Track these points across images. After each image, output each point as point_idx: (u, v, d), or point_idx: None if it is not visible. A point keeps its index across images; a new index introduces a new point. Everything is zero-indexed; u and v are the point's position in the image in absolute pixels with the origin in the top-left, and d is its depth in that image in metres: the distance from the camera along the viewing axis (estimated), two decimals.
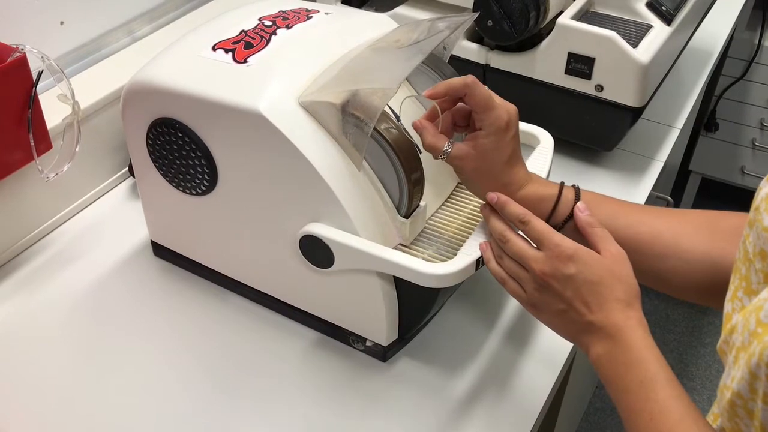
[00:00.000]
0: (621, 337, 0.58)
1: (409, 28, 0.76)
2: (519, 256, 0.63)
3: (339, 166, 0.69)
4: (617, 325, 0.58)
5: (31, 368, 0.78)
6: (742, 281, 0.50)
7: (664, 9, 1.01)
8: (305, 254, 0.73)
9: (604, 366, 0.59)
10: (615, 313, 0.58)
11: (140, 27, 1.12)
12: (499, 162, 0.66)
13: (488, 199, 0.66)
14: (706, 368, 1.94)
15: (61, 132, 0.90)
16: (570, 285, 0.60)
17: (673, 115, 1.18)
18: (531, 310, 0.64)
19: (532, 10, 0.95)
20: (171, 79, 0.73)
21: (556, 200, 0.66)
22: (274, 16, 0.80)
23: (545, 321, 0.64)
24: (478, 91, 0.65)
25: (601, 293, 0.59)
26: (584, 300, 0.59)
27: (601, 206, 0.67)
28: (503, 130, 0.65)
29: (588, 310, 0.59)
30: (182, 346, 0.80)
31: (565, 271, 0.60)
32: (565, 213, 0.66)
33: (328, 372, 0.78)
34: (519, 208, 0.64)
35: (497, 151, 0.66)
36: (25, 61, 0.81)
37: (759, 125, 2.06)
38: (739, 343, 0.45)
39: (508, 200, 0.65)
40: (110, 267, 0.90)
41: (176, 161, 0.77)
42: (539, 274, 0.61)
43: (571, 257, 0.60)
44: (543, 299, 0.62)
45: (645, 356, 0.56)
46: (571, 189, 0.67)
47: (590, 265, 0.60)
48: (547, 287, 0.61)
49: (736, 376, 0.45)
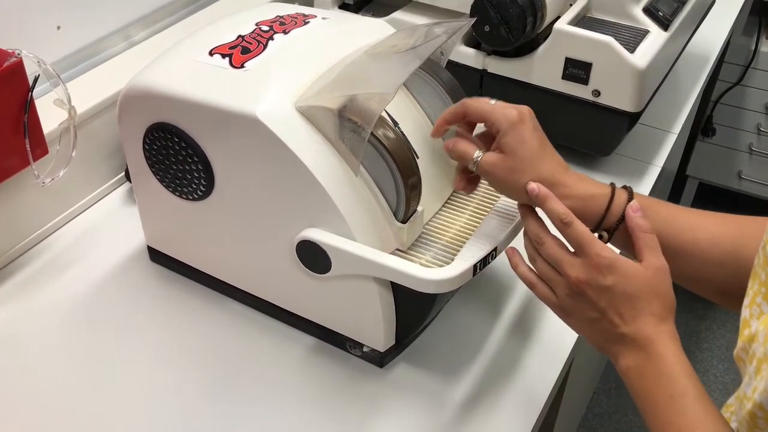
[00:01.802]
0: (652, 350, 0.57)
1: (406, 33, 0.76)
2: (555, 259, 0.61)
3: (336, 171, 0.69)
4: (649, 337, 0.57)
5: (26, 373, 0.78)
6: (762, 287, 0.49)
7: (661, 14, 1.01)
8: (302, 259, 0.72)
9: (633, 378, 0.58)
10: (648, 327, 0.58)
11: (137, 32, 1.12)
12: (529, 155, 0.64)
13: (528, 190, 0.63)
14: (704, 373, 1.94)
15: (57, 137, 0.89)
16: (605, 295, 0.58)
17: (671, 120, 1.18)
18: (560, 315, 0.63)
19: (529, 16, 0.95)
20: (168, 84, 0.73)
21: (609, 199, 0.64)
22: (272, 21, 0.80)
23: (574, 327, 0.63)
24: (473, 104, 0.65)
25: (636, 306, 0.58)
26: (618, 311, 0.58)
27: (656, 209, 0.65)
28: (519, 123, 0.64)
29: (622, 321, 0.58)
30: (179, 352, 0.80)
31: (602, 281, 0.58)
32: (618, 214, 0.63)
33: (325, 378, 0.77)
34: (561, 205, 0.62)
35: (523, 145, 0.64)
36: (22, 66, 0.81)
37: (756, 130, 2.06)
38: (761, 353, 0.44)
39: (549, 194, 0.63)
40: (106, 272, 0.89)
41: (173, 166, 0.76)
42: (574, 280, 0.59)
43: (609, 268, 0.58)
44: (575, 306, 0.61)
45: (676, 371, 0.56)
46: (623, 190, 0.65)
47: (629, 277, 0.58)
48: (581, 294, 0.60)
49: (759, 387, 0.44)
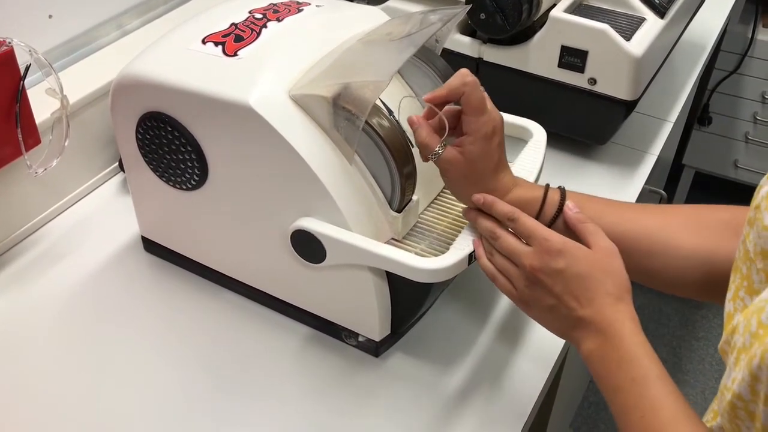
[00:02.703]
0: (612, 333, 0.57)
1: (401, 20, 0.76)
2: (509, 251, 0.63)
3: (330, 159, 0.68)
4: (608, 320, 0.58)
5: (21, 365, 0.77)
6: (744, 281, 0.50)
7: (658, 2, 1.01)
8: (297, 249, 0.72)
9: (595, 362, 0.58)
10: (605, 308, 0.58)
11: (129, 21, 1.11)
12: (486, 169, 0.66)
13: (474, 201, 0.66)
14: (700, 362, 1.94)
15: (49, 127, 0.89)
16: (559, 279, 0.59)
17: (667, 108, 1.18)
18: (522, 306, 0.64)
19: (524, 3, 0.94)
20: (160, 72, 0.73)
21: (542, 201, 0.66)
22: (265, 9, 0.79)
23: (536, 317, 0.64)
24: (476, 93, 0.64)
25: (590, 287, 0.59)
26: (574, 294, 0.59)
27: (587, 205, 0.67)
28: (489, 137, 0.65)
29: (578, 305, 0.59)
30: (174, 342, 0.80)
31: (554, 265, 0.59)
32: (551, 213, 0.66)
33: (321, 368, 0.77)
34: (507, 206, 0.64)
35: (484, 158, 0.66)
36: (13, 55, 0.80)
37: (752, 119, 2.06)
38: (740, 344, 0.45)
39: (495, 199, 0.65)
40: (101, 263, 0.89)
41: (166, 156, 0.76)
42: (529, 269, 0.61)
43: (560, 251, 0.59)
44: (533, 295, 0.62)
45: (636, 353, 0.56)
46: (556, 191, 0.67)
47: (579, 258, 0.59)
48: (536, 282, 0.61)
49: (737, 377, 0.45)
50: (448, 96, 0.65)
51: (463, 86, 0.64)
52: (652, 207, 0.69)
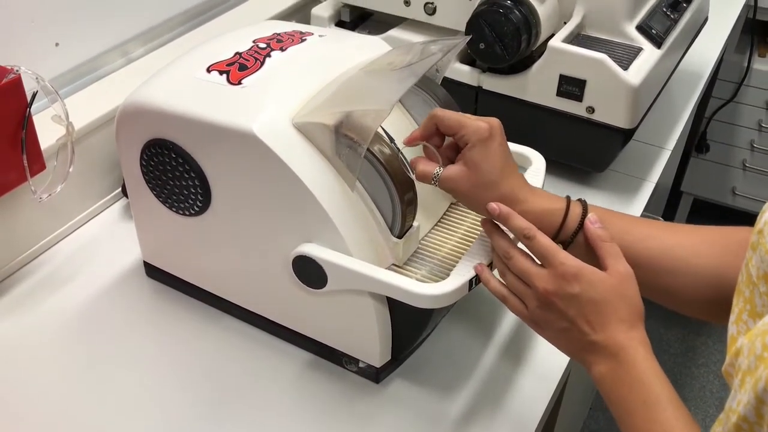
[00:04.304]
0: (624, 357, 0.58)
1: (402, 50, 0.77)
2: (523, 272, 0.62)
3: (332, 186, 0.69)
4: (620, 344, 0.58)
5: (22, 388, 0.77)
6: (747, 304, 0.50)
7: (654, 32, 1.02)
8: (298, 275, 0.73)
9: (606, 385, 0.58)
10: (618, 334, 0.58)
11: (135, 49, 1.13)
12: (492, 172, 0.65)
13: (489, 210, 0.64)
14: (701, 389, 1.93)
15: (54, 153, 0.90)
16: (573, 304, 0.59)
17: (664, 136, 1.19)
18: (533, 327, 0.64)
19: (523, 33, 0.96)
20: (165, 100, 0.74)
21: (564, 213, 0.65)
22: (269, 39, 0.80)
23: (548, 338, 0.64)
24: (446, 115, 0.66)
25: (604, 312, 0.59)
26: (587, 319, 0.59)
27: (611, 221, 0.66)
28: (487, 139, 0.65)
29: (591, 329, 0.59)
30: (174, 367, 0.80)
31: (569, 289, 0.59)
32: (573, 227, 0.65)
33: (321, 394, 0.77)
34: (523, 221, 0.63)
35: (487, 161, 0.65)
36: (20, 83, 0.81)
37: (749, 146, 2.08)
38: (745, 366, 0.45)
39: (511, 212, 0.64)
40: (103, 288, 0.89)
41: (170, 182, 0.77)
42: (543, 291, 0.60)
43: (575, 276, 0.59)
44: (546, 317, 0.61)
45: (648, 376, 0.56)
46: (578, 203, 0.67)
47: (594, 284, 0.59)
48: (550, 305, 0.60)
49: (743, 400, 0.45)
50: (423, 135, 0.68)
51: (433, 119, 0.67)
52: (676, 225, 0.69)
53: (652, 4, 1.07)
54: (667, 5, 1.09)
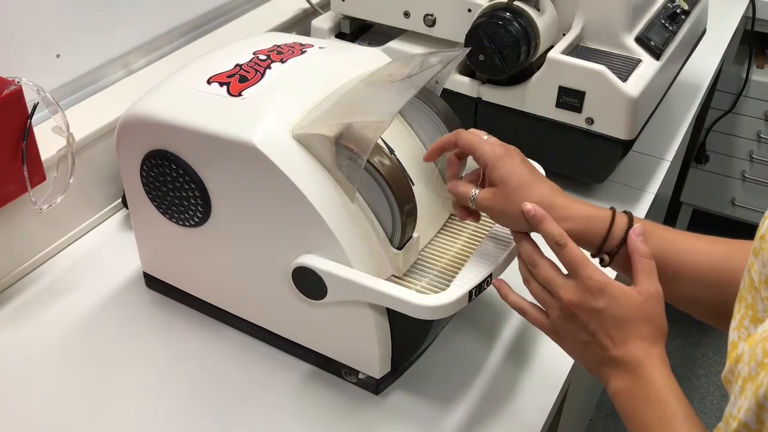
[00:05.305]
0: (641, 373, 0.58)
1: (401, 62, 0.77)
2: (548, 281, 0.62)
3: (332, 198, 0.69)
4: (639, 360, 0.58)
5: (22, 398, 0.77)
6: (749, 309, 0.50)
7: (653, 44, 1.03)
8: (298, 286, 0.73)
9: (623, 401, 0.58)
10: (637, 350, 0.58)
11: (135, 60, 1.13)
12: (521, 182, 0.65)
13: (525, 211, 0.64)
14: (701, 400, 1.93)
15: (55, 164, 0.90)
16: (595, 318, 0.59)
17: (664, 147, 1.19)
18: (553, 337, 0.64)
19: (523, 45, 0.96)
20: (166, 111, 0.74)
21: (610, 222, 0.65)
22: (269, 50, 0.81)
23: (566, 349, 0.64)
24: (464, 135, 0.68)
25: (625, 329, 0.59)
26: (609, 334, 0.59)
27: (655, 231, 0.65)
28: (505, 156, 0.66)
29: (612, 345, 0.59)
30: (174, 378, 0.80)
31: (593, 304, 0.59)
32: (620, 236, 0.64)
33: (321, 405, 0.77)
34: (557, 227, 0.63)
35: (513, 174, 0.66)
36: (21, 94, 0.82)
37: (748, 157, 2.08)
38: (746, 373, 0.45)
39: (545, 215, 0.63)
40: (103, 298, 0.89)
41: (170, 193, 0.77)
42: (567, 302, 0.60)
43: (601, 291, 0.59)
44: (567, 328, 0.61)
45: (665, 393, 0.56)
46: (624, 214, 0.66)
47: (620, 301, 0.59)
48: (572, 316, 0.61)
49: (743, 406, 0.45)
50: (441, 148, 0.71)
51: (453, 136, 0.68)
52: (721, 239, 0.68)
53: (650, 15, 1.07)
54: (666, 17, 1.09)
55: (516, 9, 0.97)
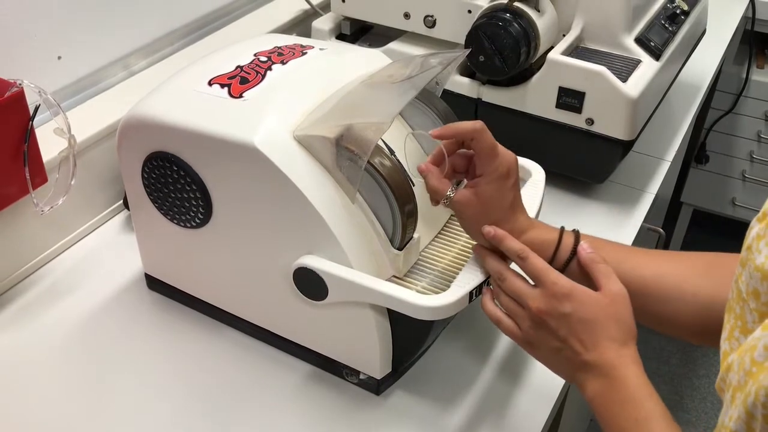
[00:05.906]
0: (615, 375, 0.58)
1: (402, 63, 0.77)
2: (516, 293, 0.64)
3: (333, 198, 0.69)
4: (611, 363, 0.59)
5: (23, 401, 0.78)
6: (737, 320, 0.50)
7: (653, 44, 1.03)
8: (299, 286, 0.73)
9: (599, 404, 0.59)
10: (609, 352, 0.59)
11: (136, 62, 1.13)
12: (500, 208, 0.67)
13: (485, 233, 0.66)
14: (701, 400, 1.93)
15: (56, 165, 0.90)
16: (565, 323, 0.60)
17: (664, 147, 1.19)
18: (526, 348, 0.65)
19: (523, 46, 0.97)
20: (167, 113, 0.74)
21: (557, 244, 0.67)
22: (270, 52, 0.81)
23: (540, 358, 0.64)
24: (486, 137, 0.66)
25: (595, 332, 0.59)
26: (579, 338, 0.60)
27: (604, 249, 0.67)
28: (504, 178, 0.66)
29: (583, 349, 0.60)
30: (176, 379, 0.80)
31: (560, 309, 0.60)
32: (565, 257, 0.66)
33: (322, 405, 0.77)
34: (517, 243, 0.65)
35: (499, 198, 0.66)
36: (23, 96, 0.82)
37: (748, 157, 2.08)
38: (736, 382, 0.45)
39: (505, 234, 0.65)
40: (104, 300, 0.90)
41: (171, 194, 0.77)
42: (535, 311, 0.61)
43: (567, 295, 0.60)
44: (538, 336, 0.62)
45: (640, 394, 0.57)
46: (571, 234, 0.68)
47: (586, 303, 0.60)
48: (542, 324, 0.61)
49: (734, 415, 0.45)
50: (455, 134, 0.67)
51: (473, 132, 0.65)
52: (669, 254, 0.70)
53: (650, 16, 1.08)
54: (666, 17, 1.09)
55: (516, 10, 0.97)
